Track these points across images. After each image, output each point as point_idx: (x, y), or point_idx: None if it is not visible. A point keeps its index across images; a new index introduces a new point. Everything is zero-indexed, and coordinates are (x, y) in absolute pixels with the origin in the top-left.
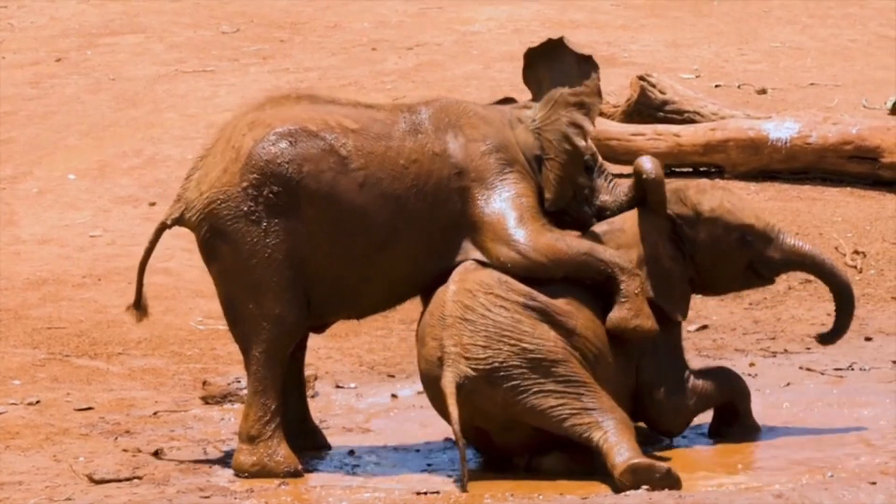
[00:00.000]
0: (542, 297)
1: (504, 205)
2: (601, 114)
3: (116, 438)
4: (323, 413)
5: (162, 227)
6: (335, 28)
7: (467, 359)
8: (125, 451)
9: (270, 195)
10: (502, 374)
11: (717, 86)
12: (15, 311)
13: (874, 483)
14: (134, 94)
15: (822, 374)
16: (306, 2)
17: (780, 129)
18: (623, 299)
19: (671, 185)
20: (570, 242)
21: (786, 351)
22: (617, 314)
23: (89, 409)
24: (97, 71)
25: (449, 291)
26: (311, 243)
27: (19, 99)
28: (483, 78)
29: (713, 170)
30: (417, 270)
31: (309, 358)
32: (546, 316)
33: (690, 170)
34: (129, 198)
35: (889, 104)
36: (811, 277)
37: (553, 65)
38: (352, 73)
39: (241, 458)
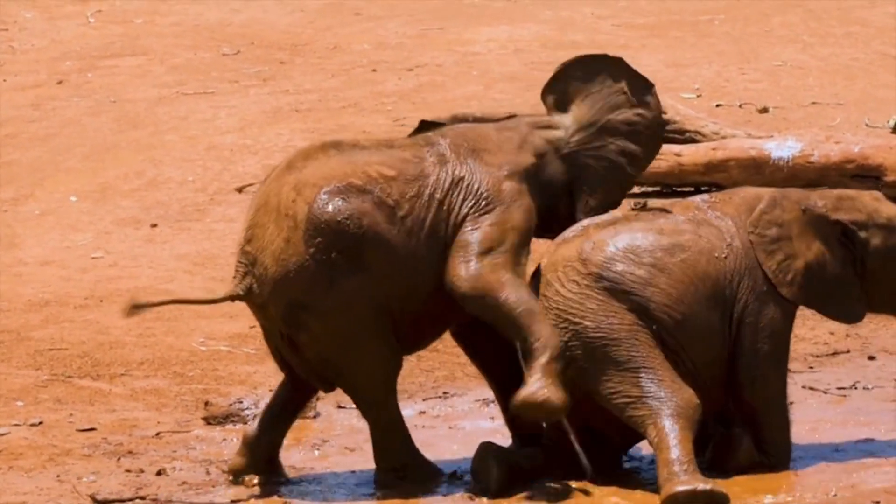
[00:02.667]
0: (617, 268)
1: (487, 230)
2: None
3: (119, 459)
4: (325, 433)
5: (229, 299)
6: (335, 49)
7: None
8: (128, 471)
9: (338, 256)
10: (567, 354)
11: (718, 105)
12: (17, 332)
13: (878, 503)
14: (135, 116)
15: (826, 393)
16: (306, 23)
17: (782, 149)
18: (534, 375)
19: (833, 192)
20: (516, 295)
21: (789, 370)
22: (525, 390)
23: (92, 429)
24: (98, 93)
25: (539, 267)
26: (384, 290)
27: (20, 121)
28: (484, 99)
29: (714, 190)
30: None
31: None
32: (617, 289)
33: (692, 189)
34: (131, 219)
35: (891, 123)
36: None
37: (595, 83)
38: (352, 94)
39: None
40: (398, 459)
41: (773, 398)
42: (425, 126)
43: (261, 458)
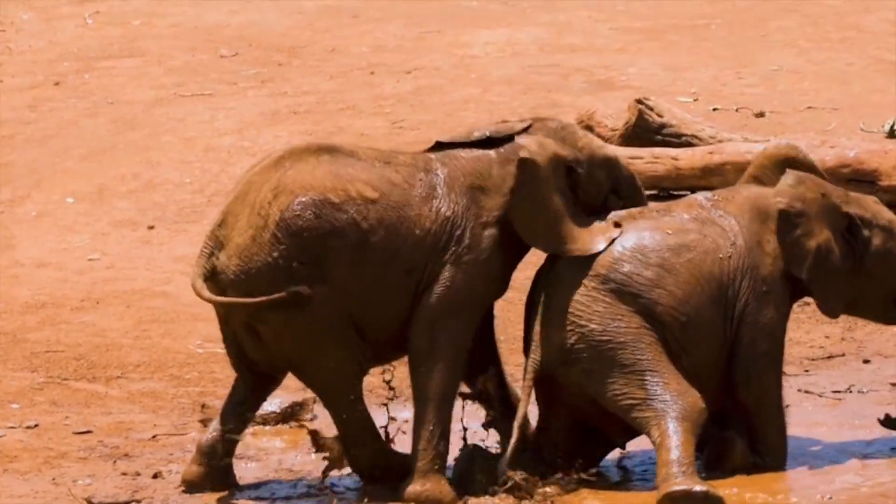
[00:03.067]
0: (626, 268)
1: (454, 294)
2: (599, 136)
3: (115, 462)
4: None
5: (200, 282)
6: (333, 52)
7: (545, 341)
8: (124, 474)
9: (299, 266)
10: (573, 357)
11: (714, 109)
12: (13, 334)
13: None
14: (132, 118)
15: (821, 396)
16: (304, 26)
17: None
18: (421, 473)
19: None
20: (450, 377)
21: (784, 373)
22: (413, 488)
23: (88, 432)
24: (95, 94)
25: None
26: (346, 305)
27: (17, 122)
28: (481, 101)
29: None
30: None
31: None
32: (624, 290)
33: (689, 193)
34: (128, 221)
35: (886, 127)
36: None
37: None
38: (350, 96)
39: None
40: (370, 463)
41: (768, 399)
42: (441, 147)
43: (217, 466)
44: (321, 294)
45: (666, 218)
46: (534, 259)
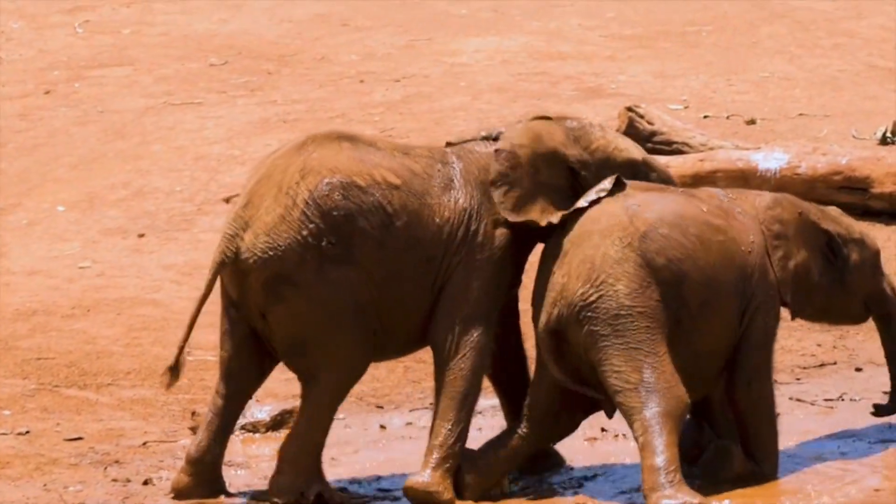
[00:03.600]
0: (664, 231)
1: (473, 294)
2: None
3: (106, 468)
4: None
5: (220, 267)
6: (323, 60)
7: (566, 290)
8: (115, 480)
9: (329, 245)
10: (588, 314)
11: (705, 116)
12: (4, 341)
13: None
14: (122, 127)
15: (813, 404)
16: (294, 34)
17: (769, 160)
18: (429, 466)
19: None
20: (472, 377)
21: (776, 381)
22: (416, 479)
23: (79, 439)
24: (85, 103)
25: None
26: (368, 289)
27: (8, 131)
28: (471, 109)
29: None
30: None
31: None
32: (658, 254)
33: None
34: (118, 229)
35: (879, 134)
36: None
37: None
38: (339, 105)
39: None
40: (296, 459)
41: (766, 404)
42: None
43: (206, 475)
44: (348, 275)
45: (697, 196)
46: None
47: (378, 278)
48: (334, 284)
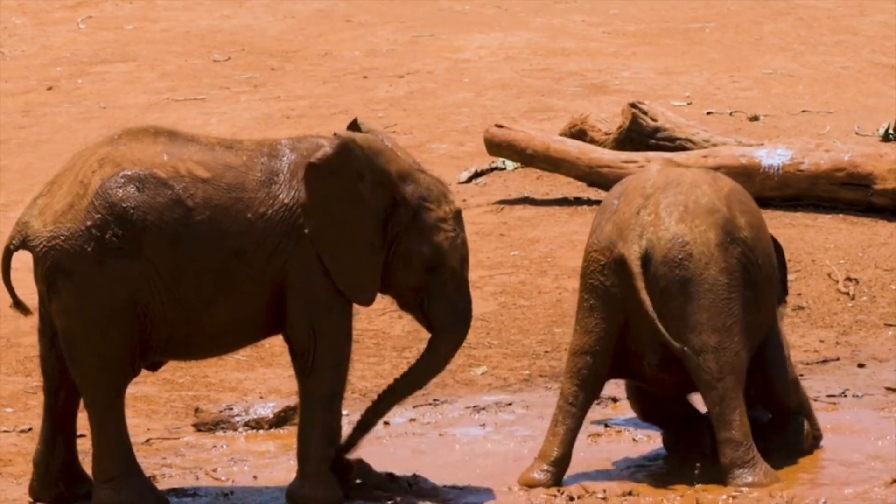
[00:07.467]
0: (742, 198)
1: (323, 287)
2: (593, 141)
3: None
4: None
5: (7, 253)
6: (326, 56)
7: (657, 226)
8: None
9: (113, 238)
10: (680, 257)
11: (708, 113)
12: (7, 338)
13: None
14: (125, 123)
15: (815, 400)
16: (297, 30)
17: (773, 157)
18: (310, 476)
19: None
20: (335, 377)
21: None
22: (302, 491)
23: (81, 436)
24: (88, 99)
25: (652, 168)
26: (151, 289)
27: (11, 127)
28: (474, 105)
29: None
30: (251, 326)
31: None
32: (739, 217)
33: None
34: None
35: (881, 131)
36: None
37: None
38: (343, 101)
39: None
40: (113, 471)
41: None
42: (354, 127)
43: (54, 476)
44: (129, 271)
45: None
46: (526, 263)
47: (169, 275)
48: (112, 279)
